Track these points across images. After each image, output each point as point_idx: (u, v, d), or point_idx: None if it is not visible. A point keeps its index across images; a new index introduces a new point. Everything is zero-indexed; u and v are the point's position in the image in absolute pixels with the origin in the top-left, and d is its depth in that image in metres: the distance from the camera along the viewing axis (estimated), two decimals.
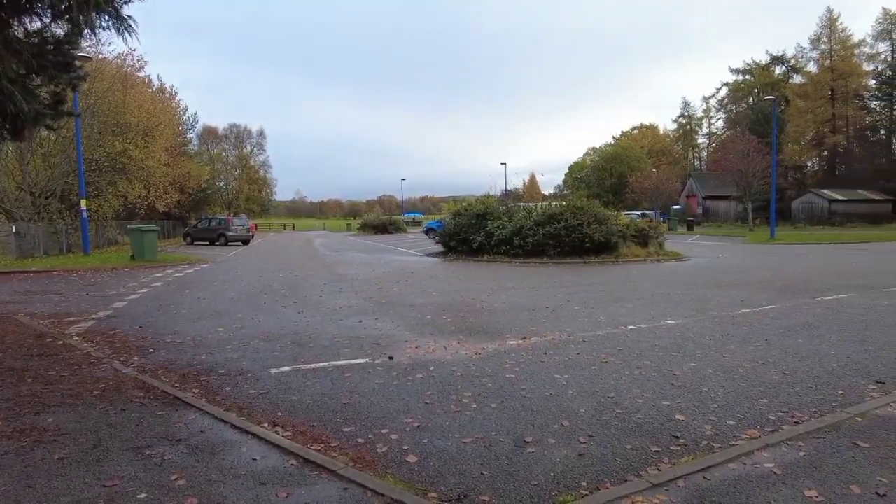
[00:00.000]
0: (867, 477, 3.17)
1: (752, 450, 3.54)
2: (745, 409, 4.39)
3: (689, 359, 5.90)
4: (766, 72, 70.14)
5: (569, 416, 4.29)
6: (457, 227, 20.27)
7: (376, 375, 5.43)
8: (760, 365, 5.64)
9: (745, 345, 6.49)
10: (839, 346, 6.41)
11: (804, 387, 4.94)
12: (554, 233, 17.92)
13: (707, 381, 5.11)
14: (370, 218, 55.76)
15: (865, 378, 5.19)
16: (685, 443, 3.77)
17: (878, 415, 4.13)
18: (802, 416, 4.23)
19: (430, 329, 7.57)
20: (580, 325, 7.72)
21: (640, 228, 19.39)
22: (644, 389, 4.90)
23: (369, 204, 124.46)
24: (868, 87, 58.38)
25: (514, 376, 5.32)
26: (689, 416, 4.24)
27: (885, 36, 57.21)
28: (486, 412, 4.39)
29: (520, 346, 6.58)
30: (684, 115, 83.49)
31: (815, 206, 51.49)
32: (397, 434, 3.98)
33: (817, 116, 57.01)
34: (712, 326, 7.54)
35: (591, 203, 19.14)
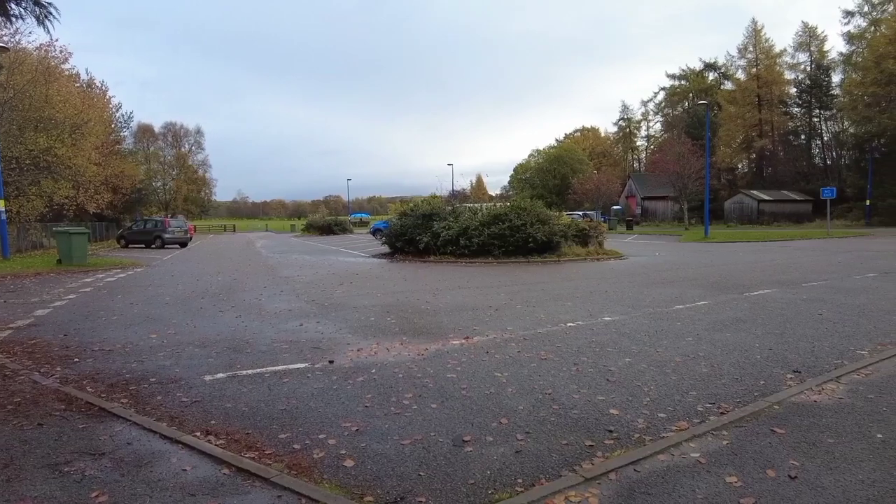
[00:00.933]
0: (781, 461, 3.36)
1: (681, 441, 3.68)
2: (676, 402, 4.57)
3: (625, 354, 6.09)
4: (700, 77, 73.49)
5: (508, 413, 4.34)
6: (403, 228, 20.21)
7: (316, 380, 5.34)
8: (691, 359, 5.88)
9: (677, 340, 6.75)
10: (763, 338, 6.76)
11: (730, 378, 5.19)
12: (499, 233, 18.15)
13: (641, 376, 5.29)
14: (315, 219, 54.84)
15: (784, 368, 5.50)
16: (618, 436, 3.89)
17: (793, 402, 4.39)
18: (728, 406, 4.44)
19: (373, 331, 7.50)
20: (522, 324, 7.84)
21: (580, 228, 19.89)
22: (581, 385, 5.02)
23: (314, 204, 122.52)
24: (790, 95, 62.05)
25: (456, 376, 5.35)
26: (623, 411, 4.38)
27: (804, 47, 61.02)
28: (426, 413, 4.39)
29: (462, 345, 6.61)
30: (624, 119, 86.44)
31: (746, 206, 54.28)
32: (335, 439, 3.93)
33: (746, 121, 60.11)
34: (647, 322, 7.81)
35: (535, 204, 19.48)
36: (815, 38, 60.36)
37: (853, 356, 5.90)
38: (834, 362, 5.67)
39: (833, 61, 59.17)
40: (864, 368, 5.30)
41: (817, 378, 5.04)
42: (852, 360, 5.75)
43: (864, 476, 3.17)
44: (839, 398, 4.48)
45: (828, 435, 3.75)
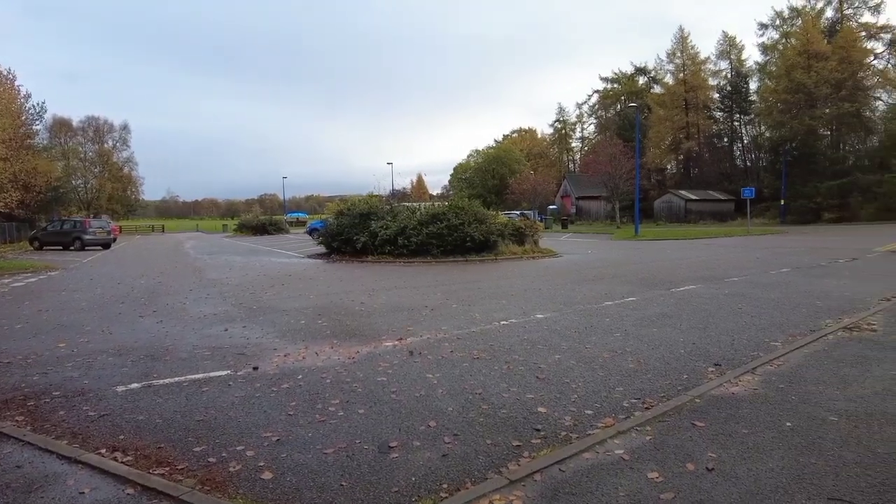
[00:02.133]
0: (700, 454, 3.44)
1: (606, 438, 3.71)
2: (603, 398, 4.63)
3: (555, 351, 6.15)
4: (632, 81, 76.20)
5: (436, 415, 4.26)
6: (339, 227, 19.82)
7: (238, 388, 5.08)
8: (619, 354, 6.00)
9: (606, 336, 6.89)
10: (687, 333, 7.00)
11: (655, 373, 5.32)
12: (437, 232, 18.11)
13: (570, 373, 5.34)
14: (248, 218, 53.01)
15: (706, 362, 5.70)
16: (545, 435, 3.89)
17: (713, 395, 4.54)
18: (652, 401, 4.53)
19: (302, 335, 7.25)
20: (456, 323, 7.80)
21: (517, 227, 20.16)
22: (511, 384, 5.01)
23: (249, 203, 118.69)
24: (713, 100, 65.45)
25: (386, 379, 5.23)
26: (551, 408, 4.39)
27: (726, 55, 64.51)
28: (352, 419, 4.25)
29: (395, 347, 6.49)
30: (560, 120, 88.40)
31: (674, 205, 56.78)
32: (254, 450, 3.73)
33: (674, 123, 62.87)
34: (578, 319, 7.95)
35: (472, 203, 19.57)
36: (735, 47, 63.96)
37: (768, 348, 6.20)
38: (751, 354, 5.93)
39: (750, 69, 62.97)
40: (776, 359, 5.57)
41: (735, 370, 5.25)
42: (767, 351, 6.03)
43: (773, 464, 3.28)
44: (754, 389, 4.67)
45: (743, 426, 3.88)
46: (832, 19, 53.26)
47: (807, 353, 5.84)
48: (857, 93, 45.99)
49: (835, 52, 45.37)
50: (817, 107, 46.08)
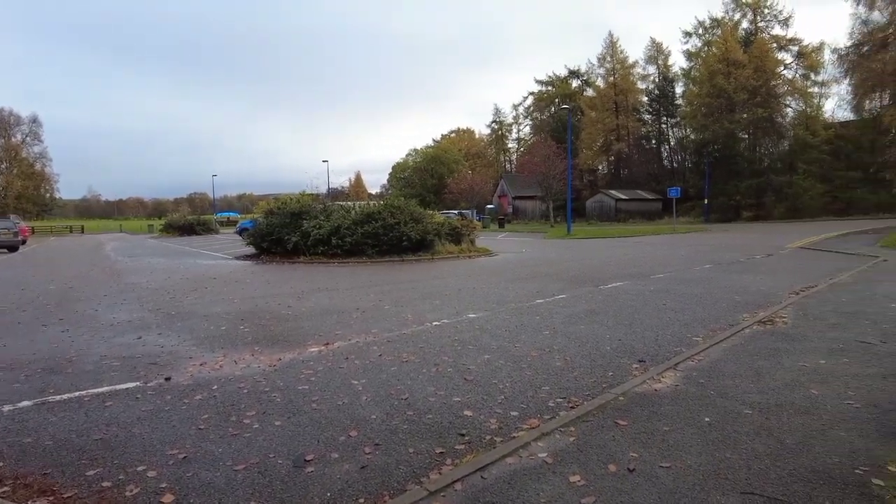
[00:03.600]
0: (622, 454, 3.43)
1: (530, 440, 3.65)
2: (529, 399, 4.58)
3: (484, 351, 6.09)
4: (565, 84, 78.17)
5: (358, 424, 4.08)
6: (269, 227, 19.14)
7: (146, 401, 4.70)
8: (547, 353, 6.00)
9: (535, 334, 6.90)
10: (614, 329, 7.12)
11: (582, 371, 5.34)
12: (372, 232, 17.82)
13: (498, 373, 5.27)
14: (175, 218, 50.55)
15: (631, 358, 5.78)
16: (470, 440, 3.78)
17: (636, 392, 4.58)
18: (577, 400, 4.53)
19: (222, 342, 6.86)
20: (388, 325, 7.61)
21: (454, 227, 20.15)
22: (438, 387, 4.89)
23: (177, 203, 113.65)
24: (642, 103, 68.14)
25: (308, 387, 4.98)
26: (477, 411, 4.30)
27: (653, 61, 67.34)
28: (268, 432, 4.00)
29: (321, 352, 6.24)
30: (496, 121, 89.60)
31: (605, 205, 58.68)
32: (156, 470, 3.42)
33: (605, 126, 64.95)
34: (509, 318, 7.94)
35: (409, 203, 19.40)
36: (661, 53, 66.89)
37: (690, 343, 6.38)
38: (674, 350, 6.08)
39: (676, 74, 65.99)
40: (697, 355, 5.72)
41: (659, 367, 5.34)
42: (689, 346, 6.19)
43: (692, 461, 3.31)
44: (676, 385, 4.75)
45: (664, 423, 3.92)
46: (748, 30, 56.56)
47: (725, 347, 6.04)
48: (770, 99, 49.07)
49: (750, 61, 48.24)
50: (736, 111, 48.83)
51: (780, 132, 51.27)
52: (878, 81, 44.76)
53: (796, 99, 52.54)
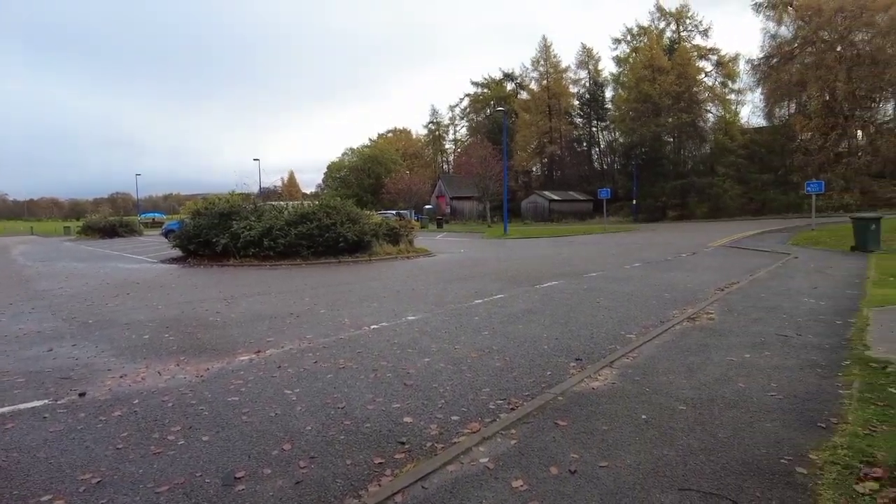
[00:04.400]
0: (563, 456, 3.42)
1: (471, 446, 3.57)
2: (470, 402, 4.52)
3: (424, 354, 5.99)
4: (500, 86, 79.22)
5: (293, 437, 3.88)
6: (197, 229, 18.25)
7: (55, 421, 4.30)
8: (486, 354, 5.98)
9: (475, 335, 6.87)
10: (550, 328, 7.20)
11: (521, 371, 5.34)
12: (307, 233, 17.35)
13: (438, 376, 5.19)
14: (95, 219, 47.45)
15: (568, 356, 5.85)
16: (410, 448, 3.67)
17: (574, 391, 4.61)
18: (518, 401, 4.51)
19: (144, 352, 6.42)
20: (323, 330, 7.38)
21: (391, 227, 19.94)
22: (377, 393, 4.75)
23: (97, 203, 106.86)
24: (573, 107, 70.08)
25: (238, 398, 4.71)
26: (417, 417, 4.19)
27: (584, 65, 69.37)
28: (194, 448, 3.73)
29: (252, 361, 5.94)
30: (433, 122, 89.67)
31: (539, 206, 59.92)
32: (65, 498, 3.12)
33: (539, 128, 66.31)
34: (448, 319, 7.88)
35: (345, 203, 19.04)
36: (592, 59, 68.95)
37: (624, 340, 6.52)
38: (609, 347, 6.20)
39: (606, 79, 68.25)
40: (632, 352, 5.85)
41: (595, 365, 5.41)
42: (623, 344, 6.33)
43: (631, 460, 3.34)
44: (613, 383, 4.82)
45: (603, 422, 3.95)
46: (672, 39, 59.34)
47: (658, 344, 6.21)
48: (692, 105, 51.65)
49: (674, 68, 50.58)
50: (662, 116, 51.06)
51: (701, 136, 54.06)
52: (785, 91, 48.20)
53: (716, 105, 55.54)
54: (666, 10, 59.10)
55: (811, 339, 6.23)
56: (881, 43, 42.79)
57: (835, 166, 43.64)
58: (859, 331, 6.49)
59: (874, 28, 43.11)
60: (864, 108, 45.25)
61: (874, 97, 45.60)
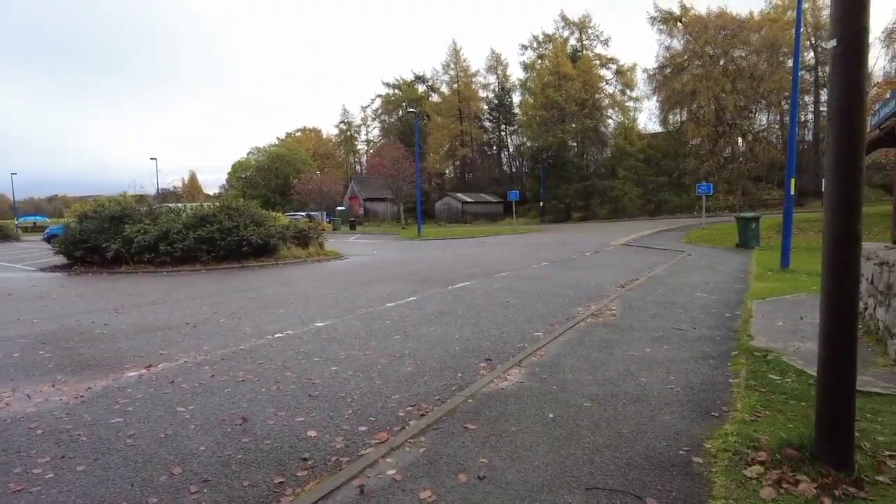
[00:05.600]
0: (472, 461, 3.35)
1: (378, 458, 3.43)
2: (379, 410, 4.37)
3: (332, 362, 5.76)
4: (412, 88, 79.31)
5: (184, 459, 3.56)
6: (84, 233, 16.70)
7: None
8: (397, 358, 5.84)
9: (386, 339, 6.72)
10: (461, 329, 7.18)
11: (432, 375, 5.25)
12: (207, 236, 16.39)
13: (346, 385, 4.99)
14: None
15: (478, 357, 5.84)
16: (313, 464, 3.47)
17: (484, 393, 4.58)
18: (428, 406, 4.41)
19: (12, 372, 5.71)
20: (223, 341, 6.93)
21: (300, 229, 19.28)
22: (280, 407, 4.48)
23: None
24: (483, 111, 71.50)
25: (123, 420, 4.28)
26: (322, 431, 3.98)
27: (493, 70, 70.99)
28: (66, 481, 3.31)
29: (142, 377, 5.45)
30: (344, 122, 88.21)
31: (453, 207, 60.60)
32: None
33: (451, 131, 67.06)
34: (359, 324, 7.67)
35: (248, 204, 18.19)
36: (501, 64, 70.67)
37: (532, 338, 6.63)
38: (518, 346, 6.26)
39: (514, 85, 70.17)
40: (539, 350, 5.94)
41: (504, 364, 5.44)
42: (531, 342, 6.43)
43: (539, 461, 3.33)
44: (521, 382, 4.85)
45: (512, 423, 3.94)
46: (576, 47, 62.04)
47: (563, 341, 6.36)
48: (595, 111, 54.28)
49: (578, 76, 52.90)
50: (566, 121, 53.23)
51: (603, 141, 56.94)
52: (678, 99, 51.79)
53: (616, 111, 58.76)
54: (570, 19, 61.71)
55: (704, 332, 6.63)
56: (756, 60, 47.14)
57: (721, 170, 47.44)
58: (745, 322, 7.00)
59: (750, 46, 47.42)
60: (744, 117, 49.59)
61: (752, 108, 50.11)
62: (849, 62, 2.94)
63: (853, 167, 2.98)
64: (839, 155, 3.01)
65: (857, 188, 3.01)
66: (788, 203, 13.04)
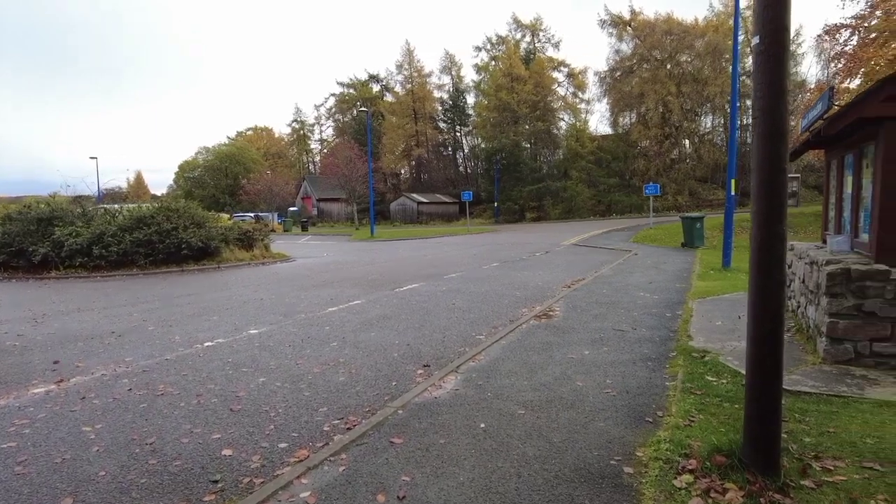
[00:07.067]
0: (394, 480, 3.15)
1: (293, 479, 3.19)
2: (303, 425, 4.11)
3: (261, 373, 5.46)
4: (366, 88, 78.50)
5: (79, 487, 3.23)
6: (8, 237, 15.64)
7: None
8: (331, 367, 5.59)
9: (322, 347, 6.44)
10: (404, 334, 6.98)
11: (365, 384, 5.02)
12: (144, 239, 15.61)
13: (272, 398, 4.71)
14: None
15: (417, 363, 5.65)
16: (224, 487, 3.20)
17: (416, 403, 4.39)
18: (356, 419, 4.19)
19: None
20: (147, 351, 6.50)
21: (244, 231, 18.61)
22: (197, 423, 4.17)
23: None
24: (438, 112, 71.45)
25: (17, 444, 3.89)
26: (239, 449, 3.71)
27: (447, 71, 71.02)
28: None
29: (49, 393, 5.01)
30: (297, 121, 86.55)
31: (408, 208, 60.26)
32: None
33: (406, 131, 66.67)
34: (296, 331, 7.35)
35: (189, 205, 17.43)
36: (455, 65, 70.75)
37: (474, 342, 6.48)
38: (458, 350, 6.11)
39: (468, 86, 70.37)
40: (479, 354, 5.79)
41: (442, 370, 5.26)
42: (473, 345, 6.29)
43: (464, 477, 3.16)
44: (456, 389, 4.68)
45: (441, 435, 3.76)
46: (528, 50, 62.71)
47: (504, 344, 6.24)
48: (547, 113, 55.00)
49: (531, 78, 53.48)
50: (520, 123, 53.72)
51: (556, 143, 57.73)
52: (627, 102, 53.03)
53: (568, 114, 59.71)
54: (522, 22, 62.34)
55: (644, 333, 6.63)
56: (700, 64, 48.75)
57: (669, 171, 48.84)
58: (685, 322, 7.05)
59: (695, 51, 48.98)
60: (690, 120, 51.19)
61: (697, 111, 51.77)
62: (771, 60, 2.89)
63: (777, 167, 2.94)
64: (763, 155, 2.96)
65: (782, 187, 2.96)
66: (730, 203, 13.39)
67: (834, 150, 6.79)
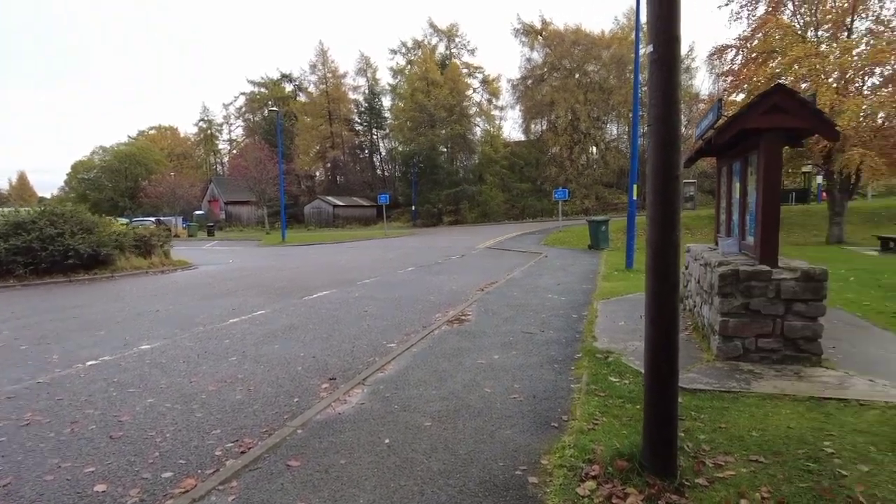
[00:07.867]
0: None
1: None
2: (192, 450, 3.78)
3: (150, 393, 5.00)
4: (278, 87, 76.02)
5: None
6: None
7: None
8: (228, 384, 5.22)
9: (219, 362, 6.02)
10: (310, 345, 6.68)
11: (264, 402, 4.72)
12: (24, 246, 14.11)
13: (159, 421, 4.30)
14: None
15: (322, 377, 5.39)
16: None
17: (317, 421, 4.16)
18: (251, 441, 3.90)
19: None
20: (17, 373, 5.80)
21: (140, 236, 17.29)
22: (67, 456, 3.72)
23: None
24: (353, 113, 70.50)
25: None
26: (115, 483, 3.33)
27: (363, 73, 70.26)
28: None
29: None
30: (204, 120, 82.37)
31: (323, 211, 58.89)
32: None
33: (320, 133, 65.21)
34: (192, 345, 6.85)
35: (76, 209, 15.98)
36: (370, 67, 70.10)
37: (384, 351, 6.31)
38: (367, 361, 5.91)
39: (384, 89, 69.95)
40: (388, 364, 5.63)
41: (348, 383, 5.05)
42: (382, 354, 6.11)
43: (364, 499, 3.00)
44: (361, 404, 4.49)
45: (342, 455, 3.56)
46: (444, 55, 63.28)
47: (415, 351, 6.11)
48: (463, 118, 55.72)
49: (447, 82, 54.01)
50: (436, 127, 54.06)
51: (471, 148, 58.59)
52: (539, 109, 54.78)
53: (483, 119, 60.80)
54: (438, 27, 62.83)
55: (552, 335, 6.74)
56: (606, 74, 51.30)
57: (578, 177, 50.91)
58: (590, 323, 7.24)
59: (601, 61, 51.48)
60: (598, 128, 53.71)
61: (604, 119, 54.41)
62: (664, 68, 2.96)
63: (670, 175, 3.00)
64: (657, 162, 3.02)
65: (675, 194, 3.03)
66: (632, 207, 14.05)
67: (724, 158, 7.23)
